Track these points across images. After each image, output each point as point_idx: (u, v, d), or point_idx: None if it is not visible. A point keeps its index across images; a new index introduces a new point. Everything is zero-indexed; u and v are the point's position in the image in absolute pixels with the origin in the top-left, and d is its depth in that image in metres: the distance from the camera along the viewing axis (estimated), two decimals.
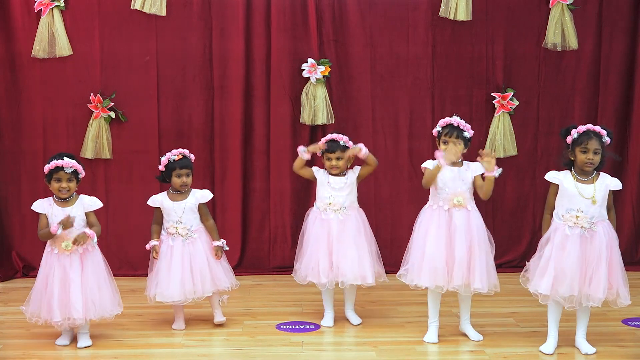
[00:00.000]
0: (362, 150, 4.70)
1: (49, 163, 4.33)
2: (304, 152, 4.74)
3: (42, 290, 4.35)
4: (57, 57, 5.86)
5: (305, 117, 5.99)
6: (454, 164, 4.41)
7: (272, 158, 6.10)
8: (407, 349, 4.39)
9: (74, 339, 4.49)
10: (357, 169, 4.82)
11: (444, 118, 4.51)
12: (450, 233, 4.38)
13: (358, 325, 4.78)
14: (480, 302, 4.63)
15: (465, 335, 4.55)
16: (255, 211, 6.16)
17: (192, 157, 4.76)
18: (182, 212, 4.62)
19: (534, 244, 6.19)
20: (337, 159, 4.71)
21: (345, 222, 4.70)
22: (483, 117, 6.11)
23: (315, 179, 4.80)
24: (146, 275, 4.77)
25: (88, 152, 5.88)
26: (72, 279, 4.30)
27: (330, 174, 4.76)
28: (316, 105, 5.97)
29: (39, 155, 5.99)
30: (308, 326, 4.81)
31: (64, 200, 4.37)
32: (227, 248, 4.78)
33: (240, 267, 6.10)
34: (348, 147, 4.73)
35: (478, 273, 4.34)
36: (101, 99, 5.89)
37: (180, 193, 4.67)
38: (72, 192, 4.36)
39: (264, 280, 5.93)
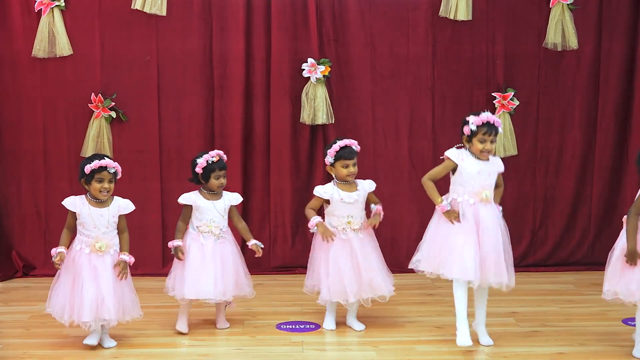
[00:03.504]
0: (381, 215, 4.67)
1: (90, 163, 4.23)
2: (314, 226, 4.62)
3: (69, 289, 4.26)
4: (58, 56, 5.86)
5: (305, 117, 5.99)
6: (480, 158, 4.30)
7: (272, 158, 6.10)
8: (407, 349, 4.39)
9: (106, 350, 4.41)
10: (369, 184, 4.70)
11: (476, 114, 4.31)
12: (478, 228, 4.23)
13: (361, 331, 4.71)
14: None
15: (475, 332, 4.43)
16: (255, 211, 6.16)
17: (225, 157, 4.74)
18: (219, 211, 4.63)
19: (534, 243, 6.28)
20: (354, 165, 4.60)
21: (363, 240, 4.63)
22: None
23: (327, 201, 4.64)
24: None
25: (89, 152, 5.87)
26: (105, 280, 4.25)
27: (344, 180, 4.60)
28: (316, 105, 5.97)
29: (39, 155, 6.00)
30: (308, 326, 4.80)
31: (100, 201, 4.31)
32: (263, 246, 4.78)
33: None
34: (358, 152, 4.63)
35: (509, 269, 4.26)
36: (102, 98, 5.90)
37: (214, 193, 4.66)
38: (111, 193, 4.31)
39: (264, 280, 5.92)
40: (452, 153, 4.33)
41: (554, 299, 5.41)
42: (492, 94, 6.09)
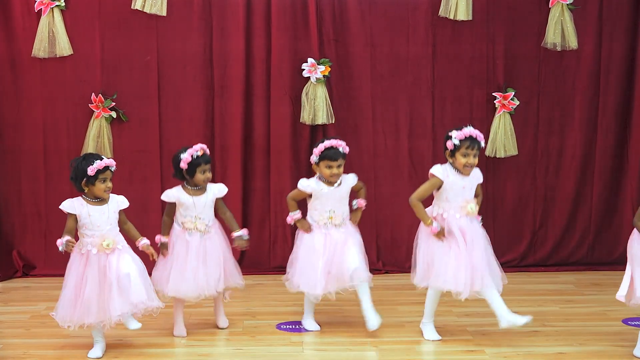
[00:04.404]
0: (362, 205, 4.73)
1: (91, 164, 4.17)
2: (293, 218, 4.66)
3: (75, 293, 4.18)
4: (58, 56, 5.86)
5: (306, 117, 5.99)
6: (462, 174, 4.39)
7: (272, 157, 6.10)
8: (407, 349, 4.39)
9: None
10: (352, 178, 4.70)
11: (459, 129, 4.36)
12: (466, 241, 4.34)
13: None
14: (481, 301, 4.62)
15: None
16: (255, 211, 6.16)
17: (208, 151, 4.66)
18: (202, 207, 4.57)
19: (534, 244, 6.27)
20: (338, 166, 4.58)
21: (345, 234, 4.63)
22: (484, 117, 6.11)
23: (309, 195, 4.66)
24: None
25: (89, 152, 5.87)
26: (111, 280, 4.16)
27: (327, 182, 4.61)
28: (316, 105, 5.97)
29: (39, 155, 6.00)
30: None
31: (100, 200, 4.27)
32: (248, 237, 4.72)
33: (241, 266, 5.98)
34: (346, 154, 4.63)
35: (496, 276, 4.41)
36: (102, 98, 5.90)
37: (199, 189, 4.60)
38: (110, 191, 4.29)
39: (264, 280, 5.93)
40: (437, 170, 4.41)
41: (554, 299, 5.41)
42: (493, 94, 6.09)
